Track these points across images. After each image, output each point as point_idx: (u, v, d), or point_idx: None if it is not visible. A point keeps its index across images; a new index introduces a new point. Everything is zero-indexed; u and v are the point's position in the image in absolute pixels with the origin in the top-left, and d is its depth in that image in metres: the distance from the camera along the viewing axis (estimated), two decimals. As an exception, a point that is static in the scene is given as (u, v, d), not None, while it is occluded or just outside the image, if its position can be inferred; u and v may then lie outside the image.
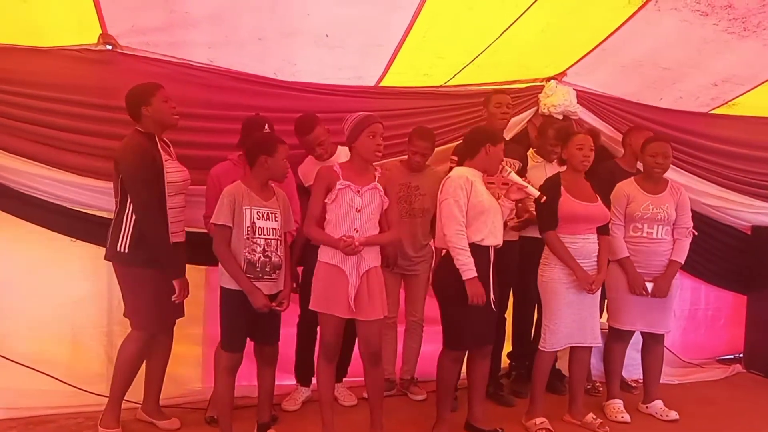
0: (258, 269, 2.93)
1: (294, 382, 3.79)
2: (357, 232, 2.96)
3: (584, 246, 3.41)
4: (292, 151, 3.56)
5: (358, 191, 2.98)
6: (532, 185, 3.31)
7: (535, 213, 3.60)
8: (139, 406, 3.38)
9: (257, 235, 2.93)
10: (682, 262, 3.70)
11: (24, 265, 3.50)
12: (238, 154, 3.29)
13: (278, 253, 3.00)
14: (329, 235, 2.96)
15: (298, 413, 3.64)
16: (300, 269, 3.56)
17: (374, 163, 3.17)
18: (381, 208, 3.05)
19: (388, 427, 3.18)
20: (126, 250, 3.04)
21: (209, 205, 3.18)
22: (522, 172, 3.84)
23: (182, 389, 3.66)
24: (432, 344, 3.97)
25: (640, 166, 3.94)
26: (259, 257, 2.93)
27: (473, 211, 3.14)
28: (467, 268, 3.06)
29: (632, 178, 3.81)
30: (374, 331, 3.05)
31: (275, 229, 3.00)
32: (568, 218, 3.38)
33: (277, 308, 3.00)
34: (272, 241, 2.98)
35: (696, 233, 3.78)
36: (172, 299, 3.11)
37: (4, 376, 3.40)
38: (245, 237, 2.91)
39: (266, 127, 3.31)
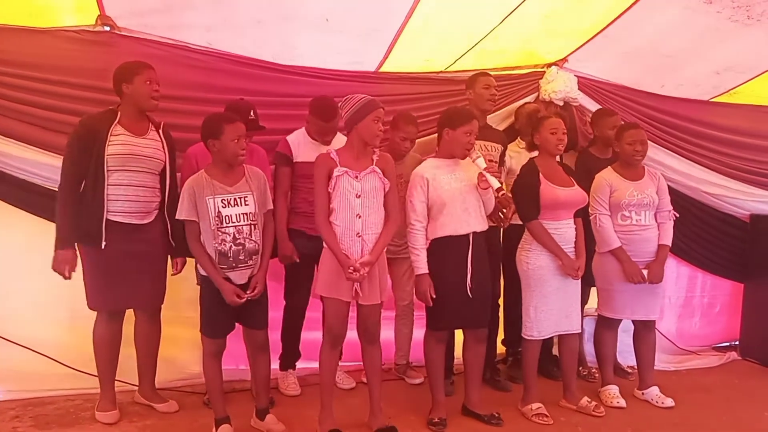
0: (231, 259, 2.85)
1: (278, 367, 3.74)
2: (360, 218, 2.95)
3: (567, 231, 3.41)
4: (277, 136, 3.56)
5: (357, 176, 2.95)
6: (495, 176, 3.19)
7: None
8: (137, 388, 3.39)
9: (225, 224, 2.84)
10: (670, 245, 3.70)
11: (22, 246, 3.49)
12: None
13: (253, 238, 2.90)
14: (340, 251, 2.92)
15: (295, 396, 3.66)
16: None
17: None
18: (383, 191, 3.03)
19: (386, 411, 3.20)
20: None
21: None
22: (502, 156, 3.83)
23: (180, 372, 3.67)
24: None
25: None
26: (230, 246, 2.85)
27: (435, 206, 3.17)
28: (416, 265, 3.16)
29: (610, 167, 3.74)
30: (374, 311, 3.07)
31: (246, 214, 2.89)
32: (551, 205, 3.36)
33: (251, 296, 2.89)
34: (244, 227, 2.88)
35: (678, 215, 3.77)
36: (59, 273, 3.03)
37: (3, 357, 3.41)
38: (213, 228, 2.83)
39: (252, 113, 3.27)
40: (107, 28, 3.40)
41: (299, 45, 3.71)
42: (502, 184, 3.17)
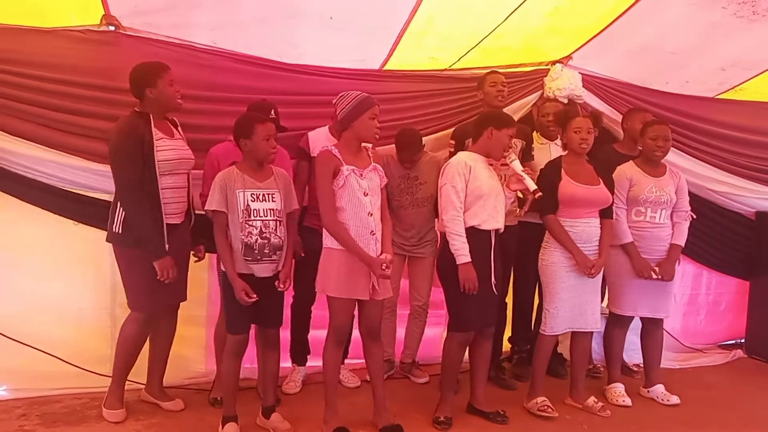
0: (256, 252, 2.92)
1: (289, 363, 3.79)
2: (371, 216, 2.96)
3: (585, 230, 3.41)
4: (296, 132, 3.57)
5: (361, 174, 2.96)
6: (531, 177, 3.25)
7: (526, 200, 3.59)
8: (143, 387, 3.41)
9: (253, 218, 2.91)
10: (683, 245, 3.70)
11: (28, 246, 3.50)
12: None
13: (278, 233, 2.97)
14: (363, 250, 2.91)
15: (300, 395, 3.67)
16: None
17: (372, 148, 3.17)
18: (381, 188, 3.06)
19: (391, 410, 3.21)
20: (120, 231, 3.04)
21: (206, 184, 3.17)
22: (527, 152, 3.83)
23: (186, 371, 3.68)
24: (434, 328, 4.01)
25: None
26: (257, 239, 2.92)
27: (471, 195, 3.14)
28: (460, 253, 3.09)
29: (632, 161, 3.77)
30: (377, 308, 3.08)
31: (273, 209, 2.97)
32: (568, 201, 3.38)
33: (282, 289, 3.00)
34: (270, 222, 2.95)
35: (695, 216, 3.77)
36: (158, 279, 3.05)
37: (10, 356, 3.42)
38: (241, 220, 2.90)
39: (272, 112, 3.31)
40: (112, 28, 3.40)
41: (303, 43, 3.70)
42: (537, 186, 3.22)
